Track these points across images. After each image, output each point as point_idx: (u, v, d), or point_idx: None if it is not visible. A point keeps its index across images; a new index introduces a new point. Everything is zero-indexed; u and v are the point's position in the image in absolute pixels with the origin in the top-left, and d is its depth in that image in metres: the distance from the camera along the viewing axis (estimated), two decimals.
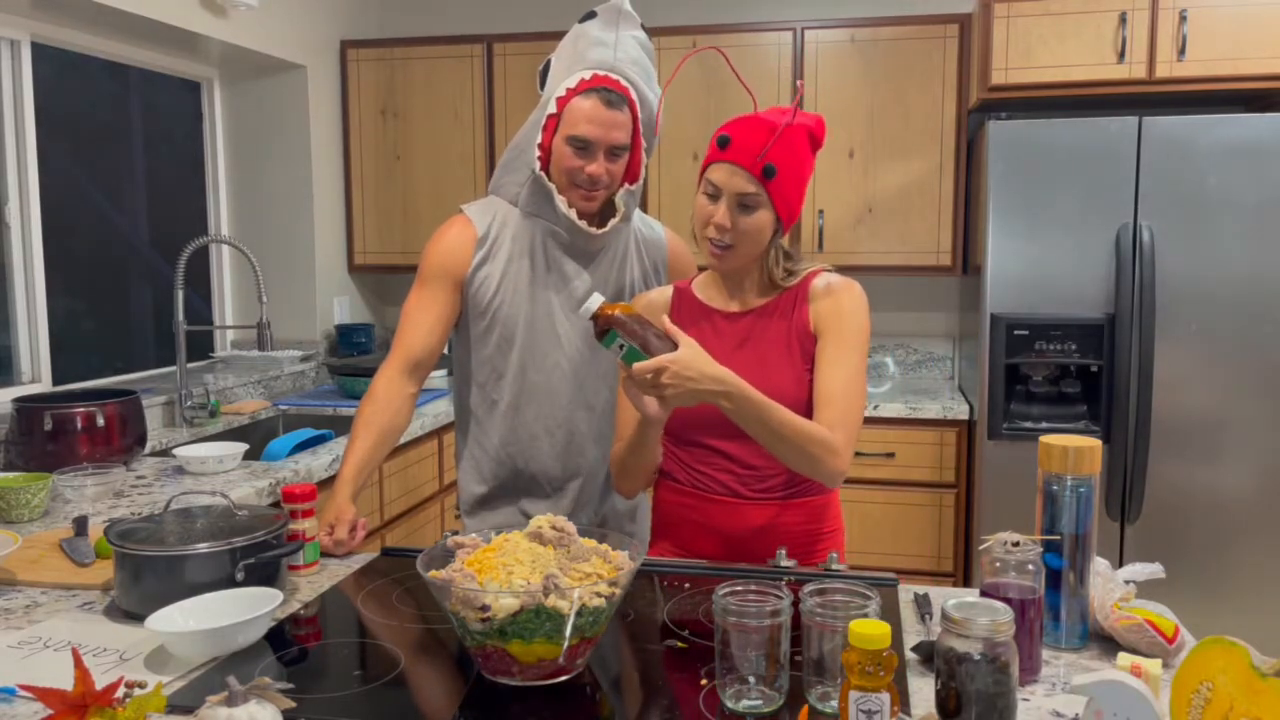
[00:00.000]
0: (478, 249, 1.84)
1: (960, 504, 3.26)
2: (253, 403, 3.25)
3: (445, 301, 1.85)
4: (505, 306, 1.85)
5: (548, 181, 1.79)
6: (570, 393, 1.88)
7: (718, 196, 1.54)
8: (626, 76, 1.76)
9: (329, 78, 3.79)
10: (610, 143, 1.74)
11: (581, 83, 1.73)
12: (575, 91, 1.73)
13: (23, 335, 2.86)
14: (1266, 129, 2.87)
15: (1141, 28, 3.04)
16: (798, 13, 3.80)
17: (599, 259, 1.88)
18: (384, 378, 1.84)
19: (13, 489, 1.92)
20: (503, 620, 1.11)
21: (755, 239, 1.56)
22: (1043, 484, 1.29)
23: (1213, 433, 2.96)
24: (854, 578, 1.50)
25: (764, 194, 1.52)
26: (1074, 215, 2.97)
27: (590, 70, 1.74)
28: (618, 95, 1.73)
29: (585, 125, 1.72)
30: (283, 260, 3.73)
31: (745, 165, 1.51)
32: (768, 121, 1.52)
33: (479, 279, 1.85)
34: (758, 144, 1.51)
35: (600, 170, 1.75)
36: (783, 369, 1.59)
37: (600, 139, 1.73)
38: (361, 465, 1.77)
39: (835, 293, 1.61)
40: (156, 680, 1.18)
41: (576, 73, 1.74)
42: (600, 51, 1.76)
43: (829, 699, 1.10)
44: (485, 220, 1.86)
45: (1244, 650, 0.95)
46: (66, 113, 3.04)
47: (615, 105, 1.73)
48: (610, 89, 1.73)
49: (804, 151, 1.57)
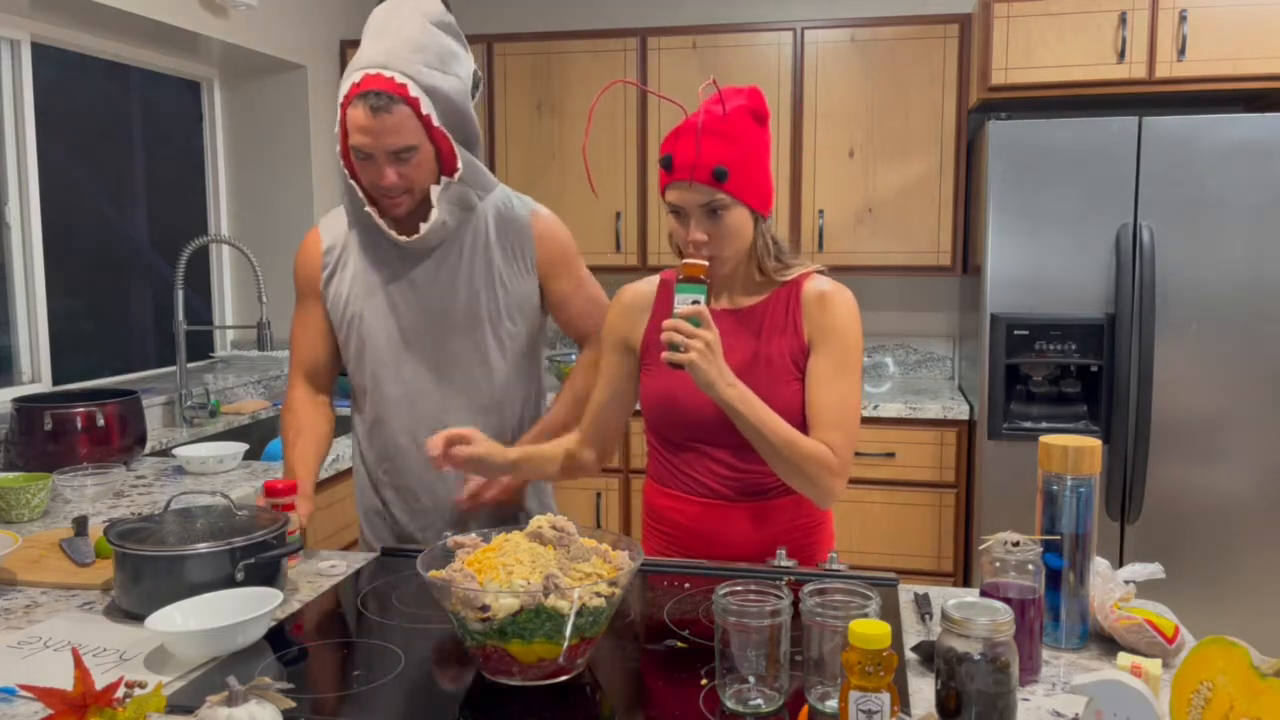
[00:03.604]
0: (325, 262, 1.80)
1: (960, 504, 3.26)
2: (253, 403, 3.25)
3: (318, 313, 1.84)
4: (358, 319, 1.79)
5: (359, 192, 1.72)
6: (436, 398, 1.80)
7: (684, 215, 1.52)
8: (402, 70, 1.60)
9: (329, 78, 3.79)
10: (387, 148, 1.61)
11: (352, 88, 1.60)
12: (348, 100, 1.61)
13: (23, 335, 2.86)
14: (1266, 129, 2.87)
15: (1141, 28, 3.04)
16: (798, 13, 3.80)
17: (445, 256, 1.77)
18: (293, 392, 1.86)
19: (13, 489, 1.92)
20: (503, 620, 1.11)
21: (736, 236, 1.53)
22: (1043, 484, 1.29)
23: (1213, 433, 2.96)
24: (854, 578, 1.50)
25: (725, 196, 1.49)
26: (1074, 215, 2.97)
27: (360, 72, 1.60)
28: (387, 96, 1.58)
29: (357, 135, 1.61)
30: (283, 260, 3.72)
31: (695, 179, 1.48)
32: (696, 125, 1.48)
33: (331, 293, 1.81)
34: (697, 153, 1.47)
35: (388, 177, 1.64)
36: (767, 374, 1.56)
37: (374, 147, 1.61)
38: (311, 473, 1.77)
39: (829, 304, 1.57)
40: (156, 680, 1.18)
41: (349, 77, 1.62)
42: (370, 48, 1.62)
43: (829, 699, 1.10)
44: (332, 232, 1.81)
45: (1244, 650, 0.95)
46: (66, 113, 3.04)
47: (384, 109, 1.59)
48: (380, 91, 1.58)
49: (750, 133, 1.52)
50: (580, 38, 3.63)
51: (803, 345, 1.58)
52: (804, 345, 1.58)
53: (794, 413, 1.55)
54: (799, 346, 1.58)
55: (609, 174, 3.66)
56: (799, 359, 1.57)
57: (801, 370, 1.57)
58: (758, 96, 1.54)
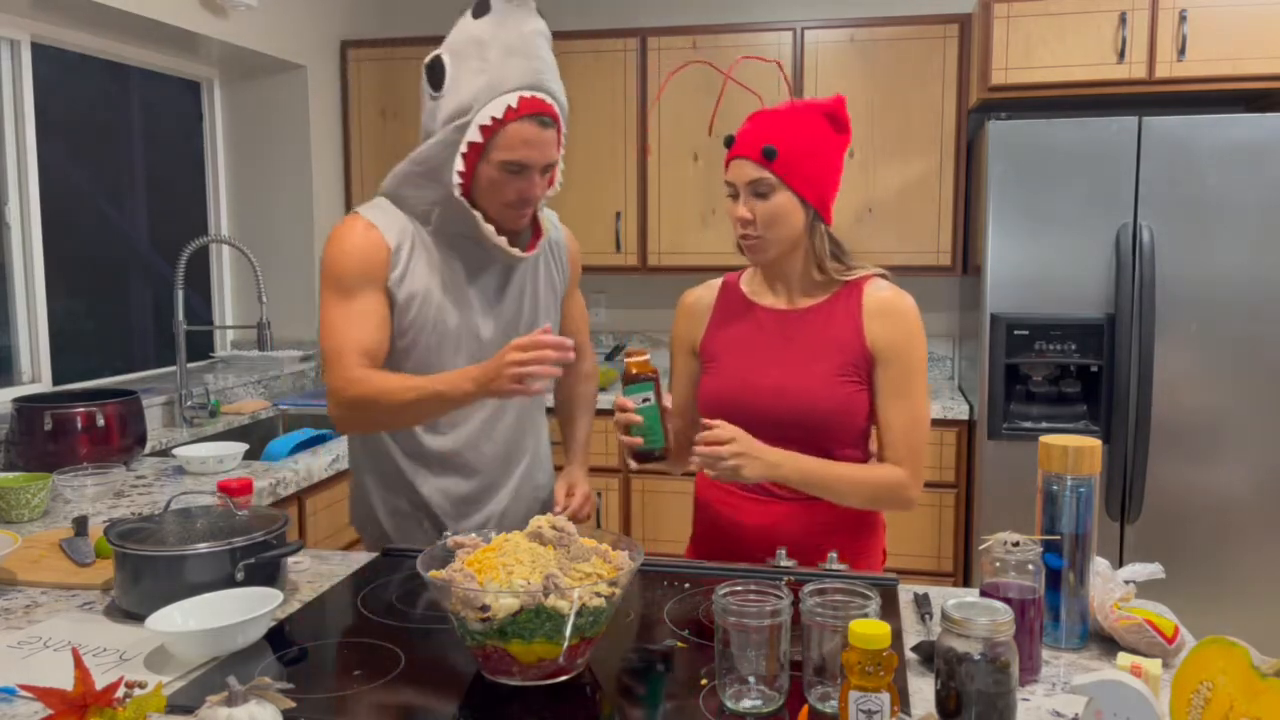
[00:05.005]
0: (394, 261, 1.70)
1: (960, 504, 3.26)
2: (253, 403, 3.25)
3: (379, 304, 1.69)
4: (436, 322, 1.74)
5: (470, 208, 1.69)
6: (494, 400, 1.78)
7: (736, 194, 1.59)
8: (551, 92, 1.66)
9: (329, 78, 3.79)
10: (543, 163, 1.67)
11: (509, 111, 1.61)
12: (504, 121, 1.62)
13: (23, 335, 2.86)
14: (1266, 129, 2.87)
15: (1141, 28, 3.04)
16: (798, 13, 3.80)
17: (515, 271, 1.81)
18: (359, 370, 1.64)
19: (13, 489, 1.92)
20: (503, 620, 1.11)
21: (780, 224, 1.57)
22: (1043, 484, 1.29)
23: (1213, 433, 2.96)
24: (854, 577, 1.50)
25: (771, 176, 1.54)
26: (1074, 215, 2.97)
27: (516, 94, 1.62)
28: (549, 117, 1.65)
29: (521, 150, 1.63)
30: (283, 260, 3.73)
31: (745, 155, 1.56)
32: (765, 110, 1.59)
33: (403, 293, 1.71)
34: (755, 132, 1.56)
35: (538, 190, 1.69)
36: (820, 376, 1.58)
37: (537, 161, 1.66)
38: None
39: (894, 315, 1.60)
40: (156, 680, 1.18)
41: (501, 98, 1.62)
42: (519, 67, 1.63)
43: (829, 699, 1.10)
44: (394, 231, 1.71)
45: (1244, 650, 0.95)
46: (66, 113, 3.05)
47: (548, 125, 1.65)
48: (543, 114, 1.64)
49: (817, 130, 1.57)
50: (580, 37, 3.63)
51: (866, 353, 1.59)
52: (868, 353, 1.59)
53: (852, 413, 1.59)
54: (861, 353, 1.59)
55: (609, 174, 3.66)
56: (861, 365, 1.59)
57: (863, 376, 1.60)
58: (840, 104, 1.60)
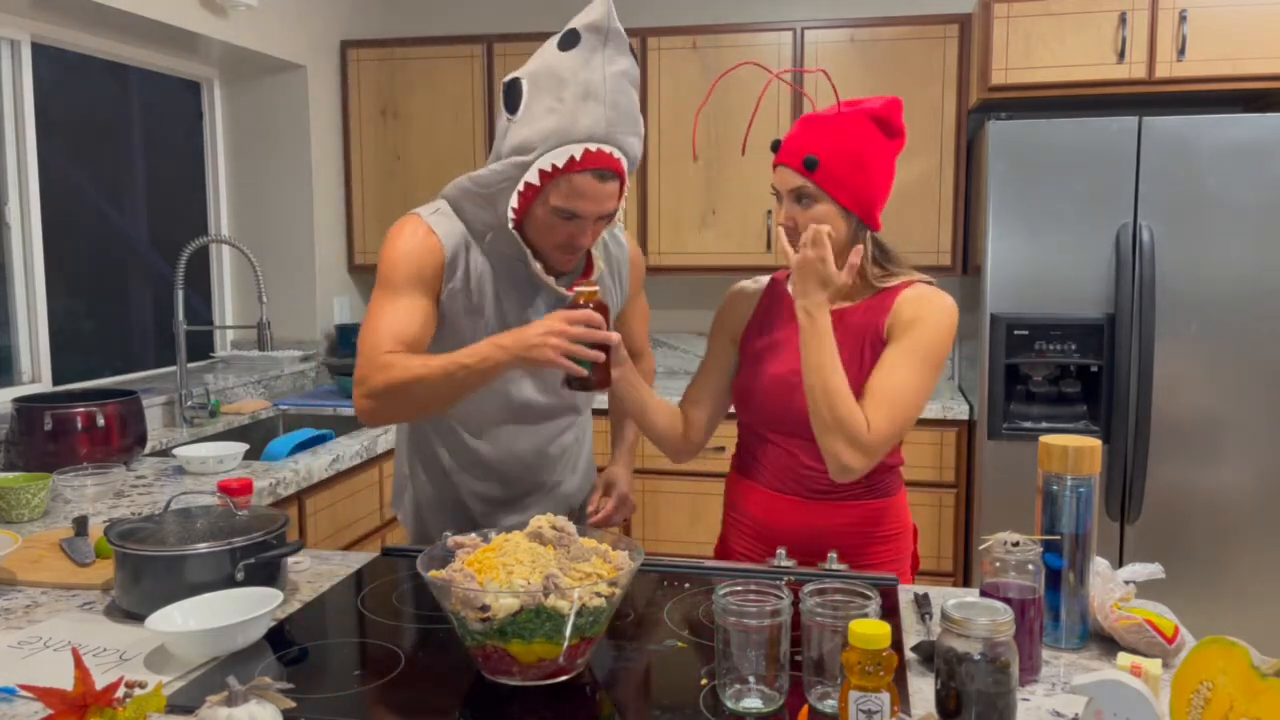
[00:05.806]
0: (448, 274, 1.66)
1: (960, 504, 3.26)
2: (253, 403, 3.25)
3: (428, 308, 1.65)
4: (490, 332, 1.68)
5: (521, 242, 1.64)
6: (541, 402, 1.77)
7: (780, 198, 1.60)
8: (621, 145, 1.57)
9: (329, 78, 3.79)
10: (599, 214, 1.60)
11: (571, 163, 1.54)
12: (564, 171, 1.55)
13: (23, 335, 2.86)
14: (1266, 129, 2.87)
15: (1141, 28, 3.04)
16: (798, 13, 3.80)
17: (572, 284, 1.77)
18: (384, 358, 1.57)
19: (13, 489, 1.92)
20: (503, 620, 1.11)
21: None
22: (1043, 484, 1.29)
23: (1213, 433, 2.96)
24: (854, 577, 1.50)
25: (811, 185, 1.54)
26: (1074, 215, 2.97)
27: (582, 146, 1.54)
28: (612, 172, 1.56)
29: (578, 202, 1.56)
30: (283, 260, 3.73)
31: (788, 163, 1.56)
32: (812, 115, 1.58)
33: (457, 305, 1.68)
34: (799, 139, 1.56)
35: (589, 238, 1.63)
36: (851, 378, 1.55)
37: (591, 212, 1.58)
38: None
39: (919, 302, 1.57)
40: (156, 680, 1.18)
41: (566, 147, 1.54)
42: (592, 114, 1.54)
43: (829, 699, 1.10)
44: (450, 243, 1.66)
45: (1244, 650, 0.95)
46: (66, 113, 3.04)
47: (609, 179, 1.57)
48: (605, 169, 1.55)
49: (864, 136, 1.54)
50: None
51: (882, 341, 1.58)
52: (883, 340, 1.58)
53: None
54: (879, 342, 1.58)
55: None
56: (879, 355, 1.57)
57: None
58: (892, 107, 1.57)
